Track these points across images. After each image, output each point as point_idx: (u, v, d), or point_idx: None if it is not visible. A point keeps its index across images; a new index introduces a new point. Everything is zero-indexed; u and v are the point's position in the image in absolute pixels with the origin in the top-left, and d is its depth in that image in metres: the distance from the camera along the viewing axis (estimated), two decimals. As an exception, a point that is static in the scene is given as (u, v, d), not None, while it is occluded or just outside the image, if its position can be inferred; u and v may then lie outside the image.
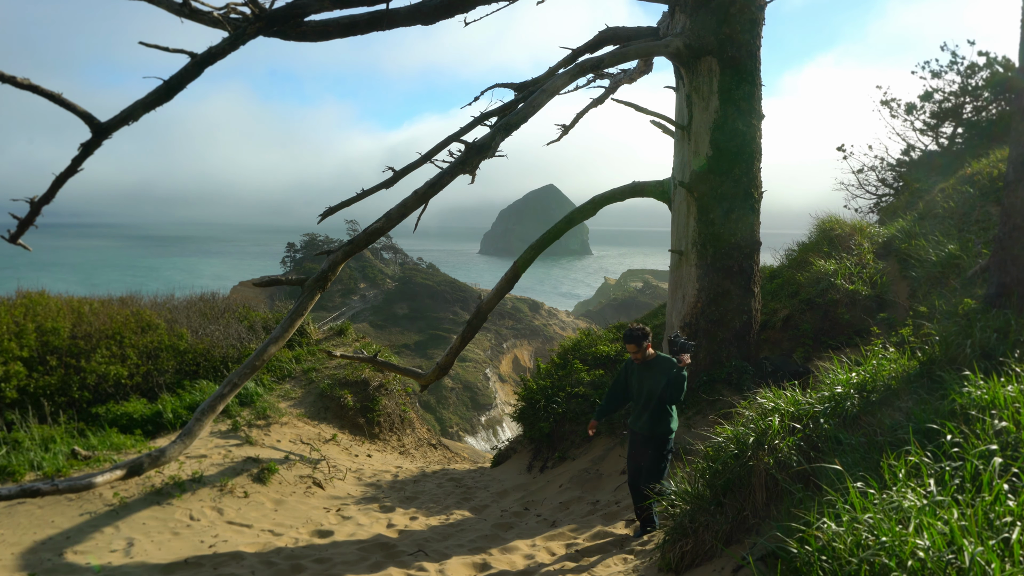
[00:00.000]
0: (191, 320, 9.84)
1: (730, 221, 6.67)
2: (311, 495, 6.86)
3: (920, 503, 2.60)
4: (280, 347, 5.95)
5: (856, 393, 4.16)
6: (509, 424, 31.61)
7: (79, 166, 4.83)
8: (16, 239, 4.83)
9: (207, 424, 5.54)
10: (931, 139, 12.32)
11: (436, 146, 7.32)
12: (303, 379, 9.49)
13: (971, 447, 2.90)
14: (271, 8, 5.30)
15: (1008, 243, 4.68)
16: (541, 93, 5.94)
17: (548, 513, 6.31)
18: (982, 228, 7.09)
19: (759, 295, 6.98)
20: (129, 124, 4.90)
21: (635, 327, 5.15)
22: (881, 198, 12.75)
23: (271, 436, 7.87)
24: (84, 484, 4.84)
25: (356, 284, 51.44)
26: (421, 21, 6.10)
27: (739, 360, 6.67)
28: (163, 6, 5.00)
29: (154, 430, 7.50)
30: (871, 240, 8.37)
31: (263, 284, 6.32)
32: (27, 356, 7.75)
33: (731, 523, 3.93)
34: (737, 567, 3.64)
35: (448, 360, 7.76)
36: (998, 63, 11.35)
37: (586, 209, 7.39)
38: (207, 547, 5.35)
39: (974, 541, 2.22)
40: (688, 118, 6.81)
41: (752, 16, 6.60)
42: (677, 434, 6.54)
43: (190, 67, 5.03)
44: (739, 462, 4.06)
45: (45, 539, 5.23)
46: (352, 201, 6.71)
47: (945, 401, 3.49)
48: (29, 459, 6.20)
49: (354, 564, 5.08)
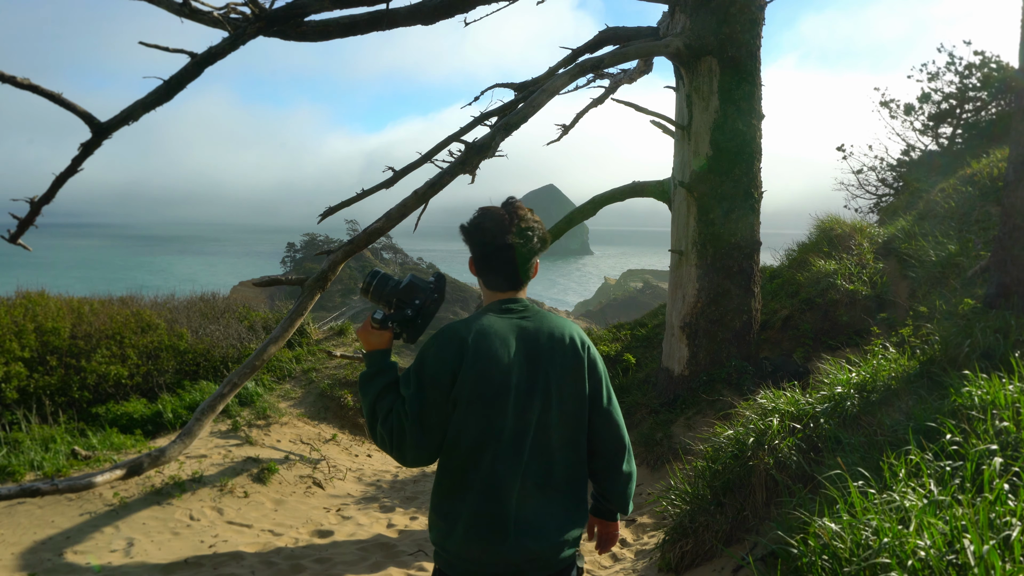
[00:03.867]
0: (191, 320, 9.84)
1: (730, 221, 6.67)
2: (311, 495, 6.86)
3: (921, 503, 2.59)
4: (280, 347, 5.95)
5: (856, 393, 4.16)
6: (509, 424, 31.55)
7: (79, 166, 4.83)
8: (16, 239, 4.83)
9: (207, 424, 5.54)
10: (931, 139, 12.32)
11: (436, 146, 7.32)
12: (303, 379, 9.49)
13: (971, 447, 2.90)
14: (271, 8, 5.30)
15: (1008, 243, 4.68)
16: (541, 93, 5.94)
17: (548, 513, 6.31)
18: (982, 228, 7.08)
19: (759, 295, 6.98)
20: (129, 124, 4.90)
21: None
22: (881, 198, 12.75)
23: (271, 436, 7.87)
24: (84, 484, 4.84)
25: (356, 284, 51.45)
26: (421, 21, 6.10)
27: (739, 360, 6.66)
28: (163, 6, 5.00)
29: (154, 430, 7.50)
30: (871, 240, 8.37)
31: (263, 284, 6.32)
32: (28, 356, 7.75)
33: (731, 523, 3.93)
34: (737, 567, 3.64)
35: (448, 360, 7.73)
36: (993, 64, 11.36)
37: (586, 209, 7.39)
38: (207, 547, 5.35)
39: (976, 540, 2.22)
40: (688, 118, 6.81)
41: (752, 16, 6.60)
42: (676, 435, 6.43)
43: (190, 67, 5.03)
44: (739, 462, 4.06)
45: (45, 539, 5.23)
46: (352, 201, 6.71)
47: (945, 401, 3.49)
48: (29, 459, 6.19)
49: (354, 564, 5.08)
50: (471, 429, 1.99)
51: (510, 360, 2.01)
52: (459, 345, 2.00)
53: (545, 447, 2.04)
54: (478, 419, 1.99)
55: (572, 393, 2.08)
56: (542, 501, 2.02)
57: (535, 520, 2.00)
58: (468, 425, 1.99)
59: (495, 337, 2.02)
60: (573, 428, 2.09)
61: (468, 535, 1.98)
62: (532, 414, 2.01)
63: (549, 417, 2.03)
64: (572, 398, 2.08)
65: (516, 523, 1.97)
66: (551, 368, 2.05)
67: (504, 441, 1.99)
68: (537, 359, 2.04)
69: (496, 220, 2.09)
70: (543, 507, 2.02)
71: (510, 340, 2.04)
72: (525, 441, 2.01)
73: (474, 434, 1.99)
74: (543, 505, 2.02)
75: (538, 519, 2.01)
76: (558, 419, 2.05)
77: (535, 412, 2.02)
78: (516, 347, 2.03)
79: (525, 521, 1.99)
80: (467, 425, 1.99)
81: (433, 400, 1.99)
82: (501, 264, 2.10)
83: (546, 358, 2.05)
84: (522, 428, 2.01)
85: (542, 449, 2.03)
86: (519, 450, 2.00)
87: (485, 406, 1.99)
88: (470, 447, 1.99)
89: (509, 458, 1.99)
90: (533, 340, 2.06)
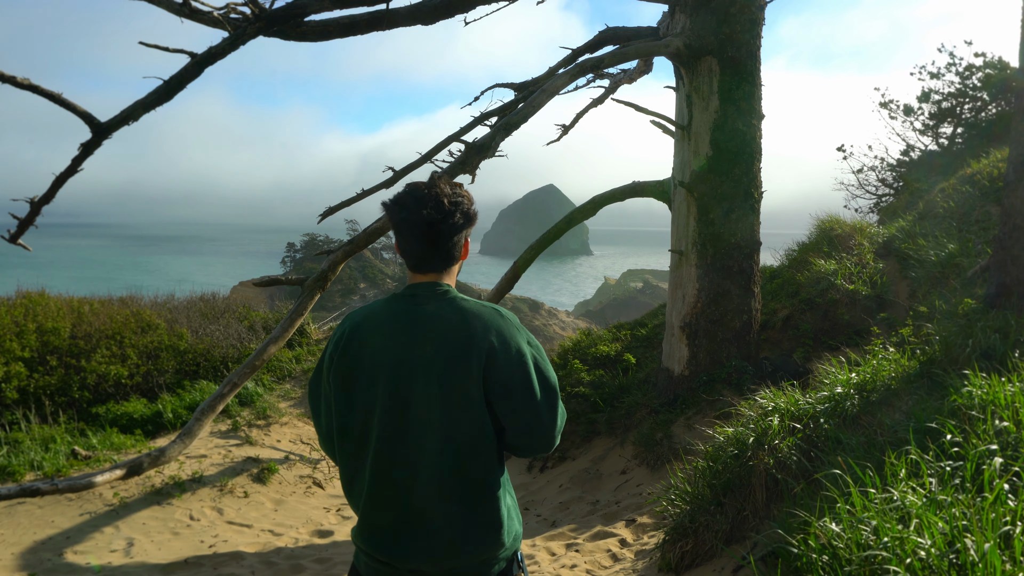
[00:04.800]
0: (191, 320, 9.84)
1: (730, 221, 6.67)
2: (311, 495, 6.86)
3: (921, 502, 2.60)
4: (280, 347, 5.95)
5: (856, 393, 4.16)
6: (509, 424, 31.53)
7: (79, 166, 4.83)
8: (16, 239, 4.83)
9: (207, 424, 5.55)
10: (931, 139, 12.33)
11: (436, 146, 7.32)
12: (303, 379, 9.49)
13: (971, 447, 2.90)
14: (271, 8, 5.30)
15: (1008, 243, 4.68)
16: (541, 93, 5.94)
17: (548, 513, 6.31)
18: (982, 228, 7.09)
19: (759, 295, 6.98)
20: (129, 124, 4.90)
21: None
22: (881, 198, 12.75)
23: (271, 436, 7.87)
24: (84, 484, 4.85)
25: (356, 284, 51.44)
26: (421, 21, 6.10)
27: (739, 360, 6.66)
28: (163, 6, 5.00)
29: (154, 430, 7.50)
30: (871, 240, 8.38)
31: (263, 284, 6.33)
32: (28, 356, 7.75)
33: (731, 523, 3.93)
34: (737, 567, 3.64)
35: (448, 360, 7.73)
36: (994, 64, 11.37)
37: (586, 209, 7.39)
38: (207, 547, 5.35)
39: (977, 539, 2.22)
40: (688, 118, 6.81)
41: (752, 16, 6.60)
42: (676, 435, 6.44)
43: (190, 67, 5.03)
44: (739, 462, 4.06)
45: (45, 539, 5.23)
46: (352, 201, 6.71)
47: (945, 401, 3.49)
48: (29, 459, 6.19)
49: (354, 564, 5.08)
50: (333, 421, 1.92)
51: (372, 351, 1.85)
52: (338, 334, 1.93)
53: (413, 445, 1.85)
54: (334, 411, 1.92)
55: (455, 388, 1.82)
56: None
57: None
58: (331, 416, 1.93)
59: (367, 326, 1.89)
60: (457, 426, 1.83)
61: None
62: (379, 411, 1.84)
63: (414, 414, 1.83)
64: (455, 393, 1.82)
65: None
66: (420, 363, 1.82)
67: (350, 437, 1.89)
68: (408, 351, 1.83)
69: (414, 194, 1.89)
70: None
71: (384, 329, 1.87)
72: (370, 436, 1.86)
73: (336, 426, 1.92)
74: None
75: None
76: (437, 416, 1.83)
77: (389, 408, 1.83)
78: (387, 338, 1.85)
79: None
80: (330, 416, 1.94)
81: (314, 385, 2.00)
82: (413, 241, 1.90)
83: (417, 352, 1.83)
84: (369, 423, 1.86)
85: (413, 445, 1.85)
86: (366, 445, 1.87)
87: (336, 399, 1.90)
88: (337, 439, 1.92)
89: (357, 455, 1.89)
90: (414, 330, 1.85)
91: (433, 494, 1.83)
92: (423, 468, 1.82)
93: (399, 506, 1.84)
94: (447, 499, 1.83)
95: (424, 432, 1.82)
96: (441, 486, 1.82)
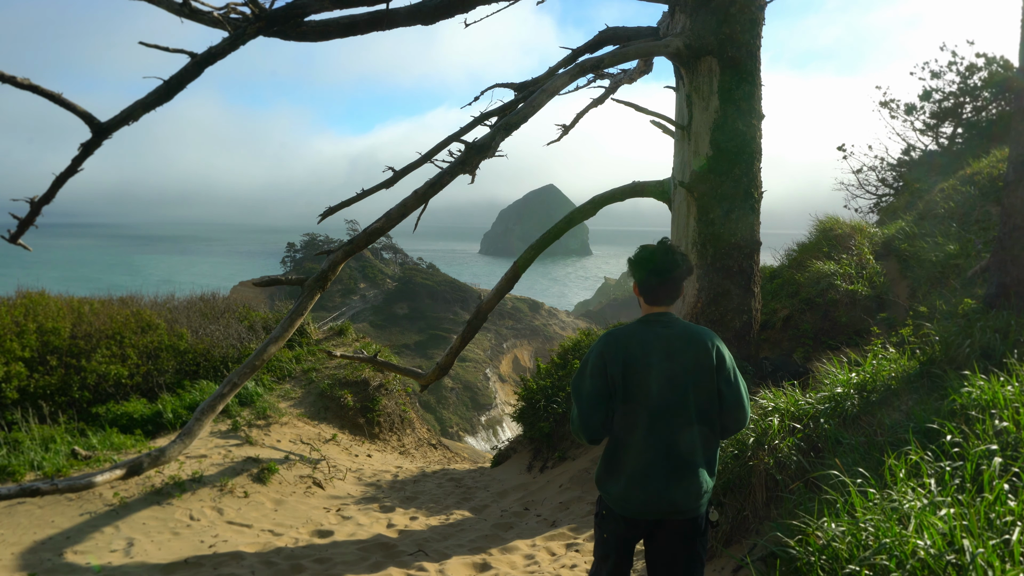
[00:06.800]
0: (191, 320, 9.84)
1: (730, 221, 6.67)
2: (311, 495, 6.86)
3: (920, 503, 2.60)
4: (280, 347, 5.95)
5: (856, 393, 4.16)
6: (509, 424, 31.59)
7: (79, 166, 4.83)
8: (16, 239, 4.83)
9: (207, 424, 5.54)
10: (931, 139, 12.33)
11: (436, 146, 7.32)
12: (303, 379, 9.49)
13: (971, 447, 2.90)
14: (271, 8, 5.30)
15: (1008, 243, 4.68)
16: (541, 93, 5.94)
17: (548, 513, 6.31)
18: (982, 228, 7.09)
19: (759, 295, 6.98)
20: (129, 124, 4.90)
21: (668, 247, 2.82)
22: (881, 198, 12.75)
23: (271, 436, 7.87)
24: (84, 484, 4.84)
25: (356, 284, 51.42)
26: (421, 21, 6.09)
27: (739, 360, 6.66)
28: (163, 6, 5.00)
29: (154, 430, 7.50)
30: (871, 240, 8.37)
31: (263, 284, 6.32)
32: (28, 356, 7.75)
33: (731, 523, 3.93)
34: (737, 567, 3.64)
35: (448, 360, 7.75)
36: (997, 63, 11.36)
37: (586, 209, 7.38)
38: (207, 547, 5.35)
39: (975, 541, 2.22)
40: (688, 118, 6.81)
41: (752, 16, 6.60)
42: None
43: (190, 67, 5.03)
44: (739, 462, 4.06)
45: (45, 539, 5.23)
46: (352, 201, 6.71)
47: (945, 401, 3.49)
48: (29, 459, 6.19)
49: (354, 564, 5.08)
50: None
51: (647, 357, 2.70)
52: (602, 347, 2.78)
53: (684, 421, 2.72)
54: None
55: (702, 379, 2.71)
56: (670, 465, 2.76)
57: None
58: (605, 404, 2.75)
59: (634, 340, 2.74)
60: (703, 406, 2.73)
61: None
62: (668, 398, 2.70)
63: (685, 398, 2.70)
64: (704, 384, 2.71)
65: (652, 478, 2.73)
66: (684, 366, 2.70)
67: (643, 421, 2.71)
68: (672, 356, 2.70)
69: (666, 253, 2.79)
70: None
71: (650, 342, 2.73)
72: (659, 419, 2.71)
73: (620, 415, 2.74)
74: None
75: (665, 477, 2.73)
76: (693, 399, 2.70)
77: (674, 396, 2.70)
78: (655, 347, 2.72)
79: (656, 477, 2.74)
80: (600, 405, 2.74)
81: (576, 384, 2.81)
82: (659, 286, 2.78)
83: (679, 355, 2.70)
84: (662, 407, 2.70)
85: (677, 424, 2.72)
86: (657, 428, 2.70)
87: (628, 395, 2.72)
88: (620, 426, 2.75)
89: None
90: (669, 341, 2.73)
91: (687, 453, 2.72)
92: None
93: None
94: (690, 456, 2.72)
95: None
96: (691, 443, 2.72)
